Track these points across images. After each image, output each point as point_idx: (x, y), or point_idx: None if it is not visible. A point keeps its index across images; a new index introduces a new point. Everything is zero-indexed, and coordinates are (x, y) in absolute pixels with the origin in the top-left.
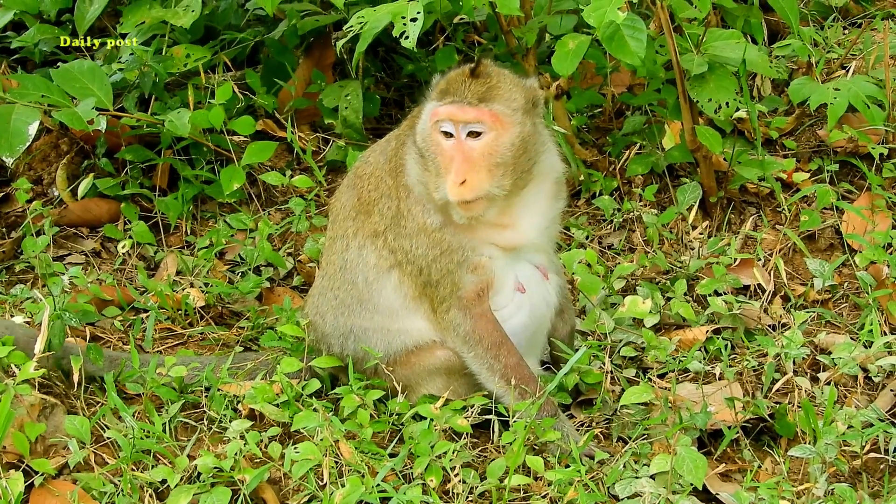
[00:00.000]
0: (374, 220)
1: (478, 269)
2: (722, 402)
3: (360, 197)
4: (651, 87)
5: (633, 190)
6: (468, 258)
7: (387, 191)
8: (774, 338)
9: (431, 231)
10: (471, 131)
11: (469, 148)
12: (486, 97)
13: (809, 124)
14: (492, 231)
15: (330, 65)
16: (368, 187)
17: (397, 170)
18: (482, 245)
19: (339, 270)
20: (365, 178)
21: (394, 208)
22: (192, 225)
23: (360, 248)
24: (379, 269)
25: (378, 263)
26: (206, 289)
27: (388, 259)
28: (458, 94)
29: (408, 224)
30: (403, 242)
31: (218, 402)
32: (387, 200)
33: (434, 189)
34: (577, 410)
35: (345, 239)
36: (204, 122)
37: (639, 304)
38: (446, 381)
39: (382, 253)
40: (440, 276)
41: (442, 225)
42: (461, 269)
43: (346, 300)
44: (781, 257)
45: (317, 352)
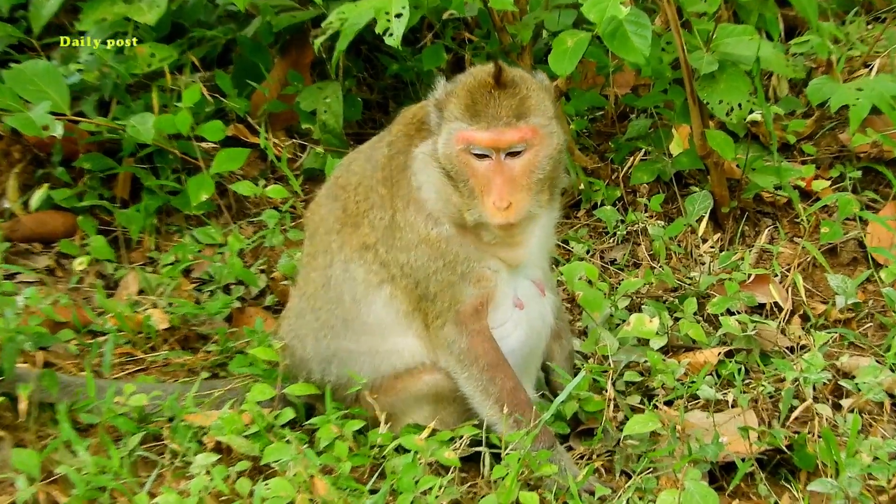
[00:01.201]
0: (364, 233)
1: (481, 282)
2: (735, 432)
3: (346, 208)
4: (657, 88)
5: (638, 200)
6: (473, 269)
7: (379, 201)
8: (793, 361)
9: (436, 241)
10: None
11: (509, 168)
12: (523, 112)
13: (830, 128)
14: (499, 243)
15: (307, 65)
16: (356, 198)
17: (392, 179)
18: (487, 257)
19: (321, 289)
20: (350, 188)
21: (387, 219)
22: (156, 240)
23: (347, 263)
24: (368, 285)
25: (367, 279)
26: (170, 309)
27: (378, 274)
28: (492, 114)
29: (405, 235)
30: (398, 255)
31: (181, 434)
32: (378, 211)
33: (467, 210)
34: (575, 441)
35: (328, 254)
36: (169, 127)
37: (644, 323)
38: (433, 409)
39: (372, 267)
40: (439, 288)
41: (450, 235)
42: (463, 281)
43: (329, 321)
44: (800, 273)
45: (291, 378)
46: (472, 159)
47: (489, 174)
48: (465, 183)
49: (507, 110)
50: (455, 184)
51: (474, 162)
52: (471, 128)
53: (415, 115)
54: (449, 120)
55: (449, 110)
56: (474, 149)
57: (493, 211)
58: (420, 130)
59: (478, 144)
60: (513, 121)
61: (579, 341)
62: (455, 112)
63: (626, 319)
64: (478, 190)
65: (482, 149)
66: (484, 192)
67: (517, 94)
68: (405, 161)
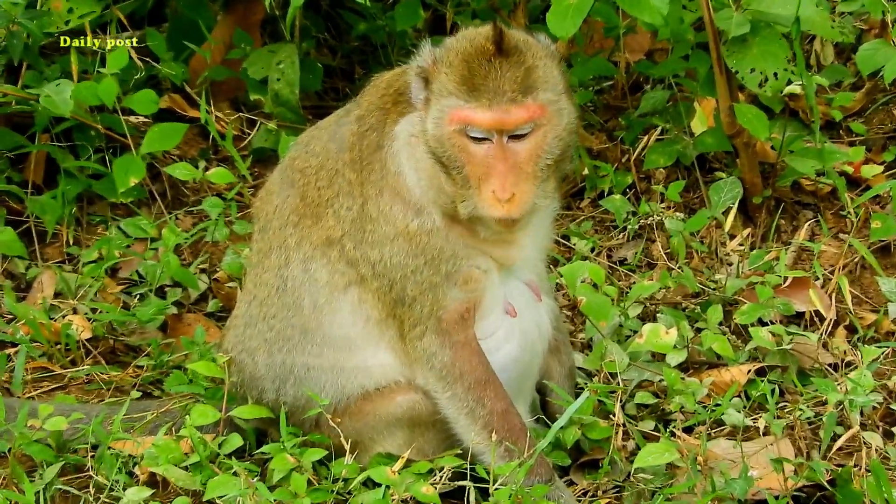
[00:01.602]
0: (327, 226)
1: (468, 284)
2: (767, 465)
3: (305, 197)
4: (676, 54)
5: (653, 188)
6: (459, 269)
7: (346, 187)
8: (836, 381)
9: (416, 235)
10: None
11: (512, 153)
12: (530, 85)
13: (883, 102)
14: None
15: (257, 23)
16: (318, 184)
17: (363, 162)
18: (477, 254)
19: (274, 293)
20: (310, 172)
21: (355, 209)
22: (76, 232)
23: (306, 263)
24: (332, 288)
25: (331, 280)
26: (93, 316)
27: (345, 274)
28: (494, 88)
29: (378, 228)
30: (369, 251)
31: (108, 465)
32: (346, 199)
33: (460, 202)
34: (578, 475)
35: (283, 251)
36: (91, 97)
37: (660, 335)
38: (408, 435)
39: (337, 267)
40: (419, 291)
41: (434, 228)
42: (447, 282)
43: (284, 331)
44: (846, 276)
45: (239, 399)
46: (469, 142)
47: (489, 160)
48: (460, 170)
49: (511, 84)
50: (447, 170)
51: (471, 146)
52: (468, 105)
53: (390, 85)
54: (440, 94)
55: (440, 82)
56: (472, 131)
57: (493, 203)
58: (398, 103)
59: (478, 126)
60: (518, 96)
61: (582, 356)
62: (448, 85)
63: (637, 330)
64: (475, 178)
65: (482, 131)
66: (482, 181)
67: (522, 63)
68: (379, 139)
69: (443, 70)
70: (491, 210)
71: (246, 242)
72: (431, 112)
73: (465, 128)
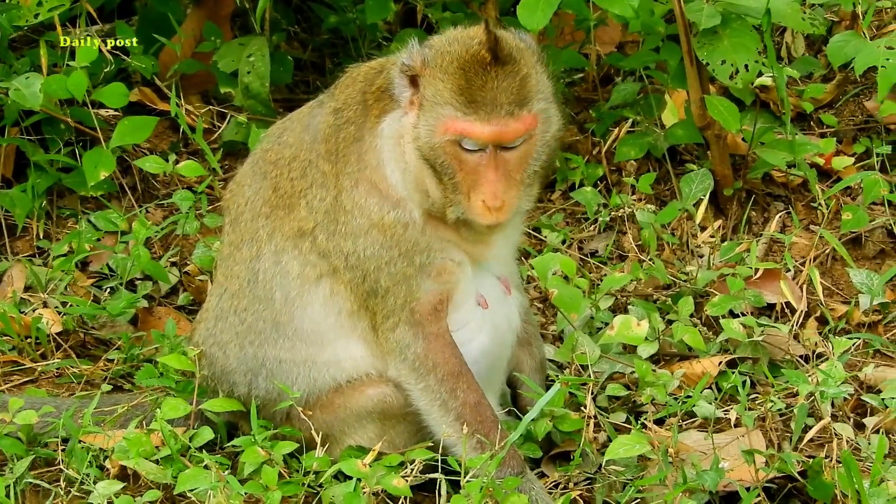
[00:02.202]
0: (299, 217)
1: (441, 276)
2: (738, 456)
3: (278, 188)
4: (647, 46)
5: (624, 180)
6: (433, 261)
7: (319, 179)
8: (807, 372)
9: (391, 227)
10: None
11: (503, 162)
12: (525, 97)
13: (854, 94)
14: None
15: (227, 16)
16: (290, 175)
17: (339, 153)
18: (451, 246)
19: (246, 286)
20: (282, 164)
21: (328, 200)
22: (46, 226)
23: (278, 255)
24: (304, 281)
25: (303, 273)
26: (63, 310)
27: (317, 266)
28: (492, 101)
29: (351, 220)
30: (342, 242)
31: (79, 458)
32: (319, 191)
33: (449, 206)
34: (549, 467)
35: (255, 243)
36: (61, 91)
37: (631, 327)
38: (380, 428)
39: (309, 258)
40: (392, 282)
41: (409, 221)
42: (421, 274)
43: (256, 325)
44: (817, 267)
45: (210, 392)
46: (462, 152)
47: (480, 169)
48: (451, 177)
49: (508, 96)
50: (437, 175)
51: (464, 155)
52: (466, 118)
53: (369, 81)
54: (435, 102)
55: (435, 89)
56: (468, 143)
57: (483, 211)
58: (380, 100)
59: (475, 140)
60: (515, 109)
61: (553, 348)
62: (444, 94)
63: (608, 322)
64: (465, 186)
65: (479, 144)
66: (472, 189)
67: (518, 72)
68: (357, 132)
69: (437, 76)
70: (480, 217)
71: (216, 235)
72: (424, 117)
73: (462, 139)
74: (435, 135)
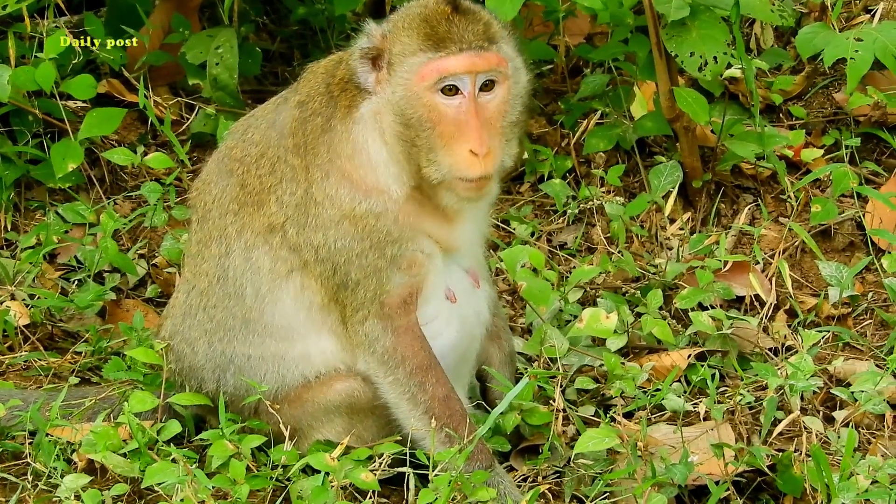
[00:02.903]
0: (269, 212)
1: (412, 268)
2: (707, 450)
3: (245, 185)
4: (616, 38)
5: (593, 172)
6: (404, 253)
7: (289, 173)
8: (777, 365)
9: (363, 217)
10: (486, 82)
11: (483, 108)
12: (491, 37)
13: (823, 86)
14: (434, 220)
15: (195, 8)
16: (258, 172)
17: (307, 146)
18: (421, 237)
19: (216, 283)
20: (249, 161)
21: (299, 194)
22: (14, 218)
23: (248, 251)
24: (275, 276)
25: (274, 268)
26: (31, 302)
27: (287, 261)
28: (460, 37)
29: (322, 212)
30: (313, 235)
31: (46, 452)
32: (289, 185)
33: (428, 165)
34: (517, 461)
35: (223, 240)
36: (29, 82)
37: (600, 319)
38: (348, 422)
39: (280, 253)
40: (363, 275)
41: (382, 211)
42: (392, 266)
43: (225, 321)
44: (786, 260)
45: (178, 387)
46: (441, 99)
47: (461, 116)
48: (431, 130)
49: (474, 34)
50: (417, 134)
51: (443, 104)
52: (438, 56)
53: (330, 73)
54: (404, 56)
55: (401, 46)
56: (445, 81)
57: (471, 161)
58: (346, 90)
59: (452, 72)
60: (484, 44)
61: (522, 341)
62: (411, 45)
63: (578, 315)
64: (446, 138)
65: (455, 78)
66: (455, 141)
67: (480, 19)
68: (324, 123)
69: (401, 36)
70: (468, 169)
71: (185, 228)
72: (395, 78)
73: (439, 80)
74: (410, 86)
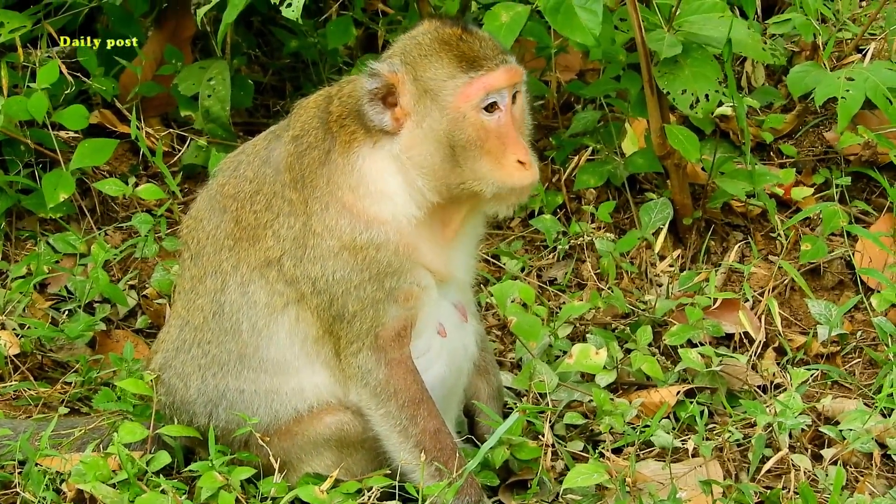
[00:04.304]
0: (266, 246)
1: (408, 301)
2: (696, 486)
3: (240, 220)
4: (608, 74)
5: (584, 208)
6: (401, 285)
7: (286, 208)
8: (765, 403)
9: (363, 248)
10: (514, 94)
11: (515, 119)
12: (505, 50)
13: (814, 124)
14: (432, 248)
15: (188, 39)
16: (253, 208)
17: (305, 180)
18: (418, 268)
19: (211, 318)
20: (242, 197)
21: (297, 227)
22: (5, 247)
23: (244, 286)
24: (271, 310)
25: (270, 302)
26: (21, 332)
27: (283, 295)
28: (488, 55)
29: (321, 242)
30: (310, 267)
31: (36, 481)
32: (286, 219)
33: (477, 183)
34: (506, 495)
35: (219, 276)
36: (21, 112)
37: (589, 355)
38: (337, 456)
39: (276, 287)
40: (360, 307)
41: (383, 241)
42: (389, 298)
43: (220, 356)
44: (775, 298)
45: (168, 420)
46: (484, 117)
47: (503, 129)
48: (480, 149)
49: (494, 49)
50: (464, 156)
51: (486, 120)
52: (480, 74)
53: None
54: (440, 82)
55: (432, 73)
56: (490, 98)
57: (520, 170)
58: (344, 126)
59: (495, 88)
60: (505, 56)
61: (511, 376)
62: (444, 70)
63: (567, 351)
64: (494, 153)
65: (498, 94)
66: (502, 154)
67: (487, 36)
68: (322, 157)
69: (426, 65)
70: (521, 179)
71: (175, 259)
72: (435, 106)
73: (485, 97)
74: (456, 110)
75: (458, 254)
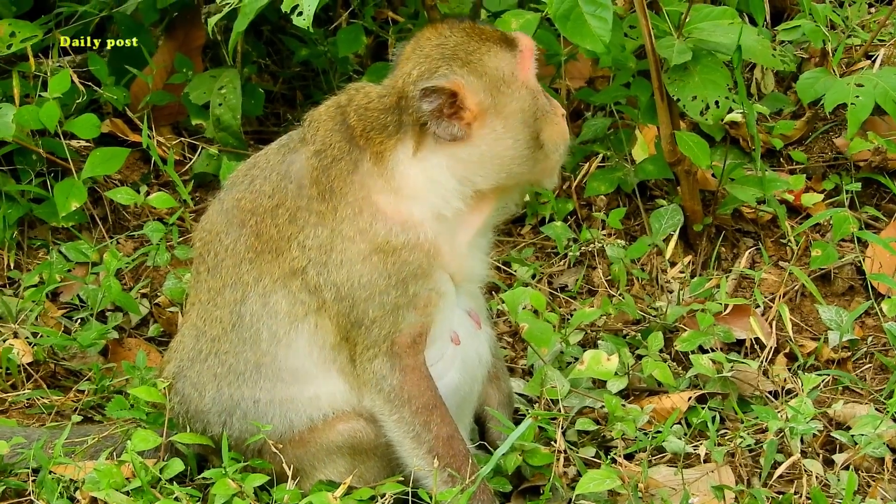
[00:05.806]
0: (291, 257)
1: (427, 307)
2: (708, 492)
3: (261, 234)
4: (618, 81)
5: (594, 215)
6: (423, 290)
7: (312, 219)
8: (777, 408)
9: (397, 249)
10: None
11: None
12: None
13: (824, 131)
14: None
15: (199, 48)
16: (275, 222)
17: (333, 189)
18: (441, 272)
19: (230, 329)
20: (262, 212)
21: (324, 235)
22: (17, 256)
23: (266, 297)
24: (292, 319)
25: (291, 311)
26: (34, 340)
27: (305, 303)
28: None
29: (351, 245)
30: (336, 273)
31: (49, 489)
32: (312, 229)
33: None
34: (519, 501)
35: (239, 287)
36: (33, 121)
37: (601, 361)
38: (350, 463)
39: (299, 297)
40: (380, 313)
41: (418, 242)
42: (409, 305)
43: (237, 366)
44: (786, 304)
45: (181, 428)
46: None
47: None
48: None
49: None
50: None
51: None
52: (520, 49)
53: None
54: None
55: (494, 65)
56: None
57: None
58: (370, 139)
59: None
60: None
61: (523, 382)
62: (500, 58)
63: (579, 357)
64: (549, 115)
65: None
66: (552, 113)
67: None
68: (350, 166)
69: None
70: (566, 131)
71: (187, 267)
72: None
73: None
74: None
75: (472, 258)
